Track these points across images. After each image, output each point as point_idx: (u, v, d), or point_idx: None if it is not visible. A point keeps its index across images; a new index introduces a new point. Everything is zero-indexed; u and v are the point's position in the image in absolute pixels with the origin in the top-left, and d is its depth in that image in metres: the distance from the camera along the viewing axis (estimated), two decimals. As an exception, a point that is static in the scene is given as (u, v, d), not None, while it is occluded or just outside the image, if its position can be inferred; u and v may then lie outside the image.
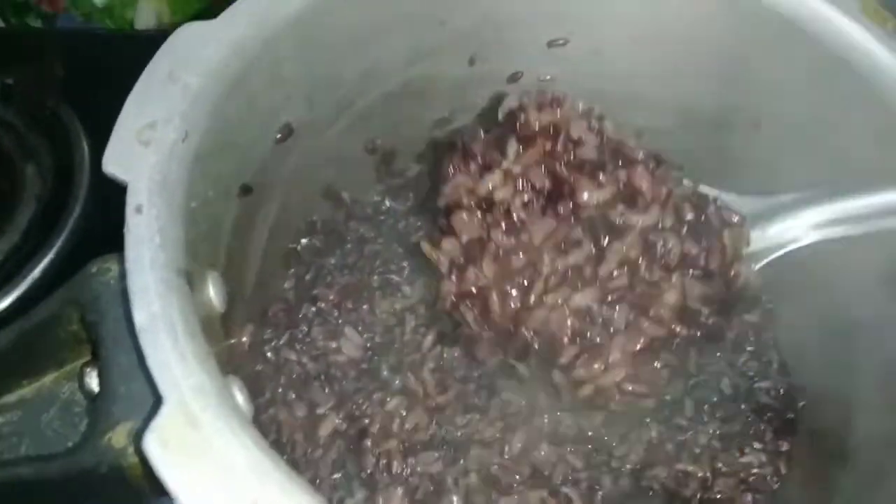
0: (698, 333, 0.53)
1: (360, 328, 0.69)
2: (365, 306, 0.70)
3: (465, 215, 0.54)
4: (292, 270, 0.72)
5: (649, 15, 0.65)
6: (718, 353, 0.69)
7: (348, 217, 0.75)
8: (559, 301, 0.52)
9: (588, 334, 0.52)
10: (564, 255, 0.52)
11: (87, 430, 0.44)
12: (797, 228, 0.57)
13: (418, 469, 0.63)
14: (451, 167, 0.56)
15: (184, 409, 0.36)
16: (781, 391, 0.68)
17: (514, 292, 0.53)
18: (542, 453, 0.64)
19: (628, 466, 0.64)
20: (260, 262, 0.64)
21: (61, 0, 1.18)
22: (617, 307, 0.52)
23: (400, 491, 0.61)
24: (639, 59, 0.68)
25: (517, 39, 0.68)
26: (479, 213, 0.54)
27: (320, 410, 0.65)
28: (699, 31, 0.64)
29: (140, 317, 0.38)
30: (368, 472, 0.62)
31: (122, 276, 0.40)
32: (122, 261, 0.41)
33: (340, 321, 0.69)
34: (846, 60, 0.57)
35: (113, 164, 0.44)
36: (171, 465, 0.35)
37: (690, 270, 0.53)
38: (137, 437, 0.36)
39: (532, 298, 0.52)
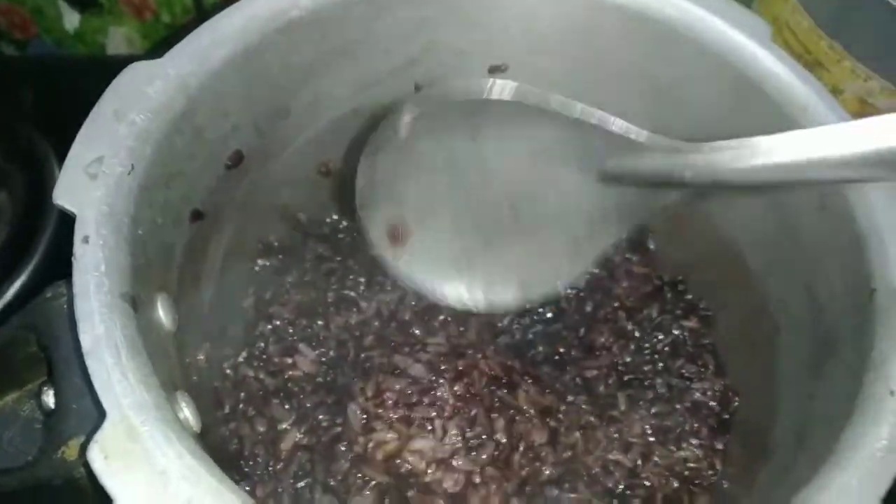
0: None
1: (314, 344, 0.72)
2: (320, 322, 0.73)
3: None
4: (251, 289, 0.75)
5: (586, 48, 0.68)
6: (656, 355, 0.73)
7: (306, 237, 0.78)
8: None
9: None
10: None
11: (43, 445, 0.47)
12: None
13: None
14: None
15: (124, 423, 0.40)
16: (717, 392, 0.71)
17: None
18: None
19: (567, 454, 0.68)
20: (216, 283, 0.66)
21: (33, 26, 1.21)
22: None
23: (370, 495, 0.64)
24: (578, 84, 0.70)
25: (460, 66, 0.71)
26: None
27: (281, 426, 0.68)
28: (632, 60, 0.67)
29: (85, 340, 0.42)
30: (339, 478, 0.65)
31: (72, 301, 0.44)
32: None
33: (295, 338, 0.72)
34: (760, 87, 0.61)
35: (62, 196, 0.47)
36: (112, 474, 0.38)
37: None
38: (84, 449, 0.40)
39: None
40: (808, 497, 0.43)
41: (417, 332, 0.73)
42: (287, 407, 0.69)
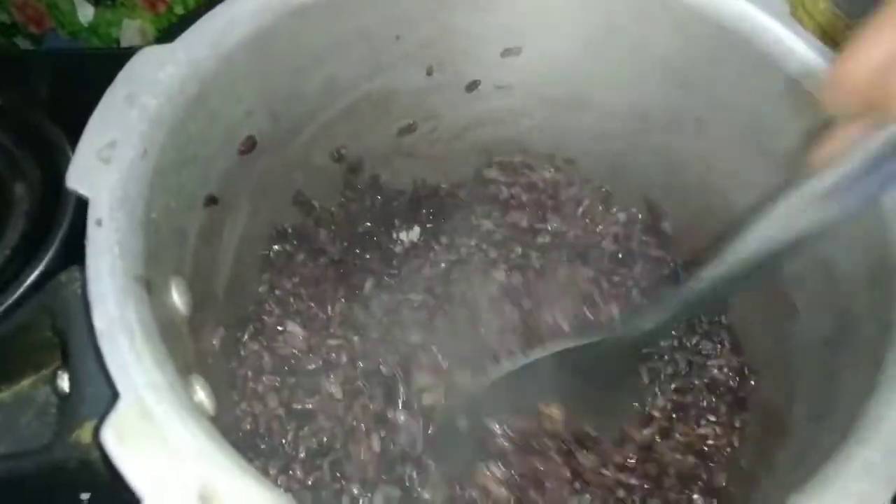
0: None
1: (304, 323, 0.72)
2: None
3: None
4: (266, 275, 0.75)
5: (600, 29, 0.68)
6: (672, 332, 0.73)
7: (318, 223, 0.78)
8: None
9: None
10: None
11: (58, 428, 0.47)
12: None
13: None
14: None
15: (138, 404, 0.39)
16: (734, 369, 0.71)
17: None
18: None
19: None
20: (231, 268, 0.66)
21: (48, 20, 1.21)
22: None
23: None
24: (590, 68, 0.71)
25: (472, 50, 0.71)
26: None
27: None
28: (645, 41, 0.67)
29: (99, 321, 0.42)
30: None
31: (86, 284, 0.44)
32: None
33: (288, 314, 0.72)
34: (776, 62, 0.60)
35: (75, 180, 0.47)
36: (127, 455, 0.38)
37: None
38: (98, 431, 0.40)
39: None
40: (831, 472, 0.42)
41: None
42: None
